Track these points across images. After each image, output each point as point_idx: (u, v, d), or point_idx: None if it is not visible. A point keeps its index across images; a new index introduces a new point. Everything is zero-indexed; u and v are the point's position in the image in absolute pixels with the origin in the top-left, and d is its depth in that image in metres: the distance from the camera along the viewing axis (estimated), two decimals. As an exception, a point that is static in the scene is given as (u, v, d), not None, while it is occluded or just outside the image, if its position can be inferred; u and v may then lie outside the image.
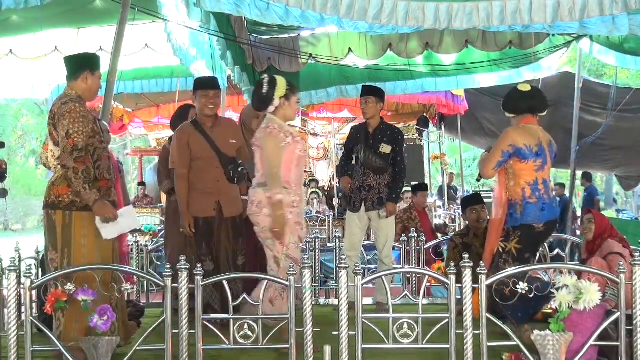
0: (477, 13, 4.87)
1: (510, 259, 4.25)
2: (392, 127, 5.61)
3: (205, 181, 4.75)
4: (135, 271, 4.64)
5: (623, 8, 4.71)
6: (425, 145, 14.87)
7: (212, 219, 4.77)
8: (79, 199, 3.90)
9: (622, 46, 7.99)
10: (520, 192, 4.26)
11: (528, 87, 4.48)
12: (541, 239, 4.43)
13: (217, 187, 4.76)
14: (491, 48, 7.89)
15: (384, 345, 3.59)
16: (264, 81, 4.26)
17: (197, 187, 4.77)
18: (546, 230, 4.32)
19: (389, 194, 5.39)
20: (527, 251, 4.31)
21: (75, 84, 4.06)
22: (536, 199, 4.25)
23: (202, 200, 4.75)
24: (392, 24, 5.04)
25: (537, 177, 4.27)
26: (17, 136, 30.15)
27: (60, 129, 3.90)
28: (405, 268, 6.09)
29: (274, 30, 7.98)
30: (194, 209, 4.75)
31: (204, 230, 4.76)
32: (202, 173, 4.76)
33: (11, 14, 6.71)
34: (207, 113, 4.80)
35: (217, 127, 4.85)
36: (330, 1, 4.82)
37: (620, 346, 3.49)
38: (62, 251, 3.92)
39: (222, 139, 4.81)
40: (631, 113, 10.98)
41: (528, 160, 4.24)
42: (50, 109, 4.07)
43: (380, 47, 8.05)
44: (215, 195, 4.77)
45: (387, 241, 5.45)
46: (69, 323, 3.83)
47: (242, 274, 4.59)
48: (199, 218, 4.75)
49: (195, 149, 4.76)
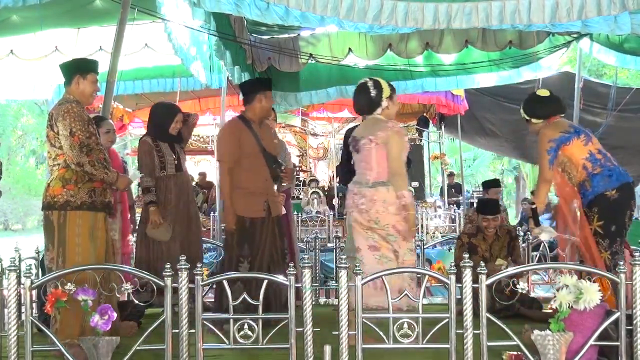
0: (476, 13, 4.91)
1: (601, 240, 4.21)
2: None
3: (255, 181, 4.77)
4: (135, 270, 4.63)
5: (621, 8, 4.75)
6: (425, 145, 14.87)
7: (260, 220, 4.77)
8: (73, 198, 3.98)
9: (622, 46, 7.99)
10: (582, 170, 4.29)
11: (547, 92, 4.56)
12: (620, 207, 4.24)
13: (266, 187, 4.81)
14: (491, 48, 7.89)
15: (384, 345, 3.59)
16: (368, 85, 4.37)
17: (245, 186, 4.76)
18: (621, 196, 4.22)
19: None
20: (611, 224, 4.21)
21: (70, 89, 4.17)
22: (600, 168, 4.27)
23: (253, 201, 4.74)
24: (392, 24, 5.08)
25: (589, 149, 4.31)
26: (17, 136, 30.16)
27: (62, 129, 3.98)
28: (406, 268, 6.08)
29: (274, 30, 7.98)
30: (244, 209, 4.73)
31: (250, 230, 4.74)
32: (251, 172, 4.77)
33: (11, 14, 6.72)
34: (268, 115, 4.94)
35: (262, 126, 4.91)
36: (330, 3, 4.85)
37: (620, 346, 3.49)
38: (57, 250, 3.99)
39: (267, 138, 4.89)
40: (631, 113, 10.98)
41: (572, 141, 4.30)
42: (49, 112, 4.16)
43: (380, 47, 8.05)
44: (264, 195, 4.80)
45: None
46: (65, 320, 3.88)
47: (242, 273, 4.59)
48: (245, 218, 4.74)
49: (246, 146, 4.77)
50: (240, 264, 4.65)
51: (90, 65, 4.28)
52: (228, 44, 6.93)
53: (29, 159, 30.97)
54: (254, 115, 4.89)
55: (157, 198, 5.25)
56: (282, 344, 3.58)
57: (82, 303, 3.56)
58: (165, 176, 5.31)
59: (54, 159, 4.06)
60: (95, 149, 4.07)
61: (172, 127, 5.39)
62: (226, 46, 6.87)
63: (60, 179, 4.00)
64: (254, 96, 4.88)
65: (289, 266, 3.56)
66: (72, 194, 3.98)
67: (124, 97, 10.07)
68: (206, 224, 9.95)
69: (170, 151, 5.35)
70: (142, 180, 5.25)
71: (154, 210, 5.20)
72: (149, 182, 5.23)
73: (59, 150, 4.04)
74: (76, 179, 4.03)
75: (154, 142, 5.32)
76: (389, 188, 4.20)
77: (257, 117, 4.89)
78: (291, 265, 3.63)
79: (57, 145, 4.03)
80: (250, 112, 4.90)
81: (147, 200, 5.26)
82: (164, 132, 5.38)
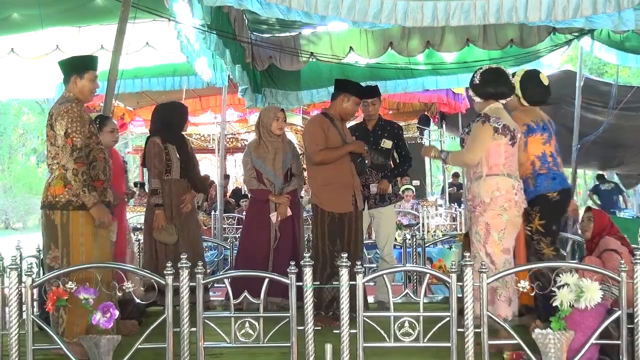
0: (473, 11, 4.97)
1: (542, 237, 4.31)
2: (392, 123, 5.75)
3: (344, 175, 4.86)
4: (136, 269, 4.64)
5: (616, 7, 4.81)
6: (426, 143, 14.85)
7: (349, 214, 4.84)
8: (75, 198, 3.95)
9: (623, 44, 7.98)
10: (530, 166, 4.35)
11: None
12: (559, 209, 4.42)
13: (352, 181, 4.90)
14: (492, 46, 7.88)
15: (385, 344, 3.59)
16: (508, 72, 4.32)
17: (334, 181, 4.84)
18: (562, 199, 4.35)
19: (388, 172, 5.42)
20: (552, 224, 4.34)
21: (69, 87, 4.14)
22: (546, 169, 4.34)
23: (342, 195, 4.83)
24: (392, 23, 5.13)
25: (544, 150, 4.37)
26: (18, 135, 30.20)
27: (59, 128, 3.95)
28: (407, 266, 6.10)
29: (274, 28, 7.97)
30: (333, 205, 4.81)
31: (340, 225, 4.81)
32: (338, 167, 4.85)
33: (12, 12, 6.72)
34: (347, 117, 5.05)
35: (343, 125, 5.04)
36: (331, 2, 4.90)
37: (621, 345, 3.49)
38: (61, 251, 3.95)
39: (347, 134, 5.02)
40: (632, 111, 10.95)
41: (535, 134, 4.35)
42: (50, 111, 4.13)
43: (381, 46, 8.04)
44: (351, 189, 4.89)
45: (388, 239, 5.46)
46: (71, 320, 3.85)
47: (242, 272, 4.58)
48: (334, 214, 4.80)
49: (331, 140, 4.87)
50: (335, 259, 4.62)
51: (87, 62, 4.23)
52: (228, 42, 6.92)
53: (29, 158, 31.02)
54: (335, 113, 5.01)
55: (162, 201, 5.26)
56: (283, 342, 3.58)
57: (83, 301, 3.57)
58: (170, 180, 5.29)
59: (53, 157, 4.03)
60: (95, 149, 4.06)
61: (185, 128, 5.47)
62: (226, 44, 6.86)
63: (62, 178, 3.97)
64: (338, 94, 5.01)
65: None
66: (74, 194, 3.95)
67: (125, 95, 10.08)
68: (207, 222, 9.96)
69: (177, 154, 5.31)
70: (151, 183, 5.25)
71: (159, 213, 5.19)
72: (157, 185, 5.23)
73: (59, 150, 4.02)
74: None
75: (163, 143, 5.31)
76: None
77: (337, 115, 5.01)
78: (292, 263, 3.64)
79: (57, 144, 4.01)
80: (332, 109, 5.03)
81: (153, 203, 5.26)
82: (174, 133, 5.38)
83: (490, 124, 4.10)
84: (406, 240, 6.39)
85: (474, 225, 4.14)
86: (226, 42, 6.86)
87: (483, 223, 4.08)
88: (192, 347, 3.56)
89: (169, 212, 5.27)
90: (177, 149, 5.33)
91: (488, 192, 4.07)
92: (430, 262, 6.68)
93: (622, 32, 7.45)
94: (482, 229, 4.09)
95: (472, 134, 4.17)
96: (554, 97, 4.82)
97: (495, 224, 4.07)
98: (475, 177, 4.13)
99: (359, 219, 4.94)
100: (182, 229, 5.30)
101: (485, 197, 4.07)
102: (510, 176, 4.13)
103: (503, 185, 4.08)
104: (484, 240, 4.08)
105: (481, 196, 4.08)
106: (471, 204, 4.17)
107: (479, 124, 4.15)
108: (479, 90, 4.23)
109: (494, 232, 4.07)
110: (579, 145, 9.82)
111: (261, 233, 5.31)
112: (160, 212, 5.21)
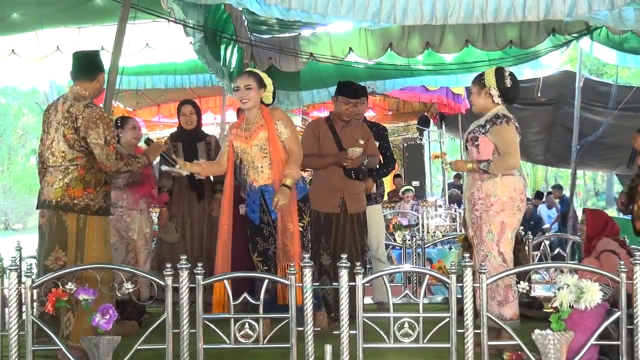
0: (472, 9, 5.00)
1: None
2: (377, 124, 5.86)
3: (331, 178, 4.91)
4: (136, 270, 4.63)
5: (609, 5, 4.83)
6: (426, 144, 14.86)
7: (335, 215, 4.90)
8: (92, 202, 3.96)
9: (622, 45, 7.98)
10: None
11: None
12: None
13: (342, 184, 4.92)
14: (491, 47, 7.88)
15: (385, 345, 3.59)
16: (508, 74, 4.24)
17: (323, 184, 4.93)
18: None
19: (372, 171, 5.36)
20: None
21: (89, 84, 4.03)
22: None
23: (328, 197, 4.90)
24: (391, 22, 5.18)
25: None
26: (18, 135, 30.19)
27: (96, 137, 3.89)
28: (406, 267, 6.10)
29: (274, 29, 7.98)
30: (319, 204, 4.86)
31: (324, 224, 4.88)
32: (329, 172, 4.91)
33: (12, 12, 6.72)
34: (344, 119, 5.00)
35: (347, 127, 5.03)
36: (331, 2, 4.93)
37: (621, 345, 3.49)
38: (75, 254, 3.93)
39: (350, 139, 4.98)
40: (632, 112, 10.96)
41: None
42: (60, 107, 4.00)
43: (381, 47, 8.05)
44: (339, 192, 4.92)
45: (379, 240, 5.57)
46: (78, 324, 3.85)
47: (242, 273, 4.58)
48: (320, 212, 4.88)
49: (323, 143, 4.94)
50: (321, 257, 4.81)
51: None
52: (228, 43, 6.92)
53: (29, 158, 30.98)
54: (334, 115, 5.08)
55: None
56: (282, 343, 3.58)
57: (83, 302, 3.56)
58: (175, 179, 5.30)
59: (70, 160, 3.94)
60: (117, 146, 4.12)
61: (181, 120, 5.54)
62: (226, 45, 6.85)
63: (81, 180, 3.93)
64: (335, 98, 5.10)
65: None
66: (92, 198, 3.95)
67: (124, 96, 10.07)
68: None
69: (182, 154, 5.26)
70: (161, 182, 5.26)
71: (163, 211, 5.22)
72: (167, 184, 5.24)
73: (79, 153, 3.94)
74: (95, 182, 4.00)
75: (172, 142, 5.30)
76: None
77: (335, 117, 5.07)
78: (291, 265, 3.64)
79: (76, 147, 3.93)
80: (333, 112, 5.13)
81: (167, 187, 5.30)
82: (179, 128, 5.47)
83: (513, 122, 4.11)
84: (406, 240, 6.39)
85: (484, 224, 4.11)
86: (227, 43, 6.85)
87: (499, 222, 4.07)
88: (192, 348, 3.56)
89: (173, 209, 5.29)
90: (188, 146, 5.41)
91: (506, 191, 4.07)
92: (430, 262, 6.68)
93: (621, 33, 7.46)
94: (496, 227, 4.08)
95: (505, 137, 4.08)
96: (553, 98, 4.82)
97: (510, 223, 4.09)
98: (488, 176, 4.11)
99: (347, 222, 4.94)
100: (189, 229, 5.32)
101: (503, 196, 4.06)
102: (522, 176, 4.17)
103: (518, 185, 4.11)
104: (498, 240, 4.08)
105: (498, 195, 4.07)
106: (482, 203, 4.12)
107: (504, 125, 4.08)
108: (509, 93, 4.17)
109: (509, 231, 4.09)
110: (578, 145, 9.83)
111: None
112: (164, 211, 5.23)
